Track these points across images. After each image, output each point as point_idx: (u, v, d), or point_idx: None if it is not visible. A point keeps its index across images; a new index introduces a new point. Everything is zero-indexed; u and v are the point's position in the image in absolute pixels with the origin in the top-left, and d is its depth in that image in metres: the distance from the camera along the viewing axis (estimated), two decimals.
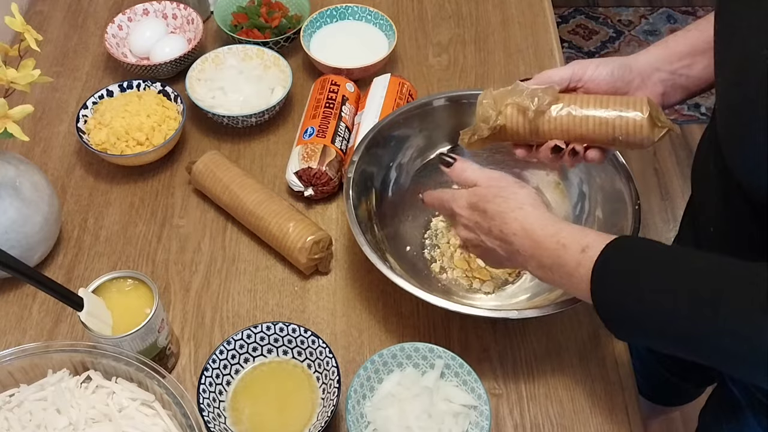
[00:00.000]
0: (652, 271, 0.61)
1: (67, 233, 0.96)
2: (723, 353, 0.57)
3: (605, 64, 0.76)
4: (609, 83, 0.76)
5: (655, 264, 0.61)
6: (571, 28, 2.51)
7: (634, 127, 0.72)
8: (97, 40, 1.19)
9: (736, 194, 0.68)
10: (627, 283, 0.62)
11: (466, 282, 0.91)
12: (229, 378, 0.80)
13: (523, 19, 1.24)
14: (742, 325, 0.54)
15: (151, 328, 0.76)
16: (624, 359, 0.86)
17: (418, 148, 0.97)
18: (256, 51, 1.09)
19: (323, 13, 1.16)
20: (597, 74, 0.76)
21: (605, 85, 0.76)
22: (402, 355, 0.79)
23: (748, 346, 0.54)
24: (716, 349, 0.57)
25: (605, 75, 0.76)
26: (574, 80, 0.77)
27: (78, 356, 0.73)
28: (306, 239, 0.89)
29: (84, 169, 1.03)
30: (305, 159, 0.96)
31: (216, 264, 0.93)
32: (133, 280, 0.79)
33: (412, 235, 0.95)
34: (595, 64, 0.77)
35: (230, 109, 1.04)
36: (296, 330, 0.80)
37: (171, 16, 1.16)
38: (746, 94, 0.55)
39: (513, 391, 0.83)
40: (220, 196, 0.95)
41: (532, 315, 0.77)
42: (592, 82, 0.77)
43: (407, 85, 1.05)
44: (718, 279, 0.57)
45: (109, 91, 1.03)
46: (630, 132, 0.73)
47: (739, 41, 0.58)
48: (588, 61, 0.77)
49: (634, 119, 0.72)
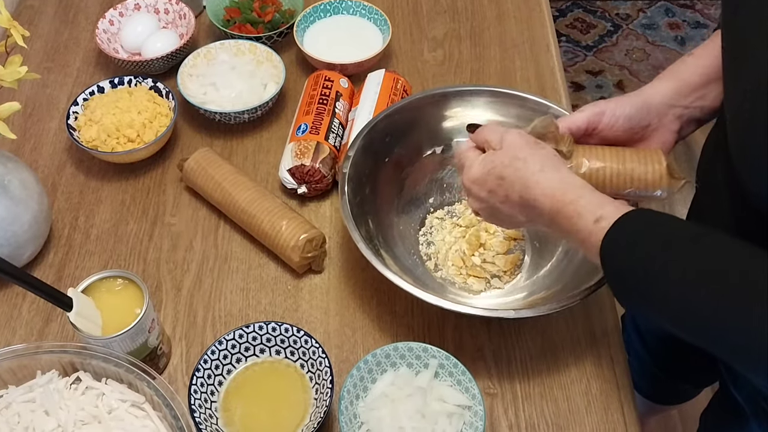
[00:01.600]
0: (660, 243, 0.60)
1: (57, 231, 0.95)
2: (722, 336, 0.56)
3: (621, 107, 0.74)
4: (626, 129, 0.75)
5: (664, 237, 0.60)
6: (568, 21, 2.49)
7: (653, 180, 0.72)
8: (89, 36, 1.18)
9: (748, 205, 0.65)
10: (634, 255, 0.61)
11: (461, 279, 0.90)
12: (221, 378, 0.79)
13: (518, 13, 1.22)
14: (744, 312, 0.53)
15: (141, 329, 0.75)
16: (620, 357, 0.85)
17: (413, 145, 0.95)
18: (248, 46, 1.08)
19: (317, 8, 1.15)
20: (614, 121, 0.75)
21: (623, 132, 0.75)
22: (396, 355, 0.78)
23: (750, 336, 0.53)
24: (717, 332, 0.56)
25: (623, 122, 0.75)
26: (590, 128, 0.75)
27: (67, 357, 0.72)
28: (299, 237, 0.88)
29: (75, 166, 1.02)
30: (298, 156, 0.94)
31: (208, 263, 0.92)
32: (123, 280, 0.78)
33: (407, 232, 0.94)
34: (611, 110, 0.74)
35: (222, 105, 1.02)
36: (289, 330, 0.79)
37: (163, 11, 1.15)
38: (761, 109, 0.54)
39: (508, 391, 0.82)
40: (212, 193, 0.94)
41: (528, 315, 0.76)
42: (609, 130, 0.75)
43: (402, 81, 1.03)
44: (728, 260, 0.56)
45: (99, 87, 1.02)
46: (649, 185, 0.72)
47: (752, 54, 0.56)
48: (603, 104, 0.75)
49: (652, 173, 0.72)
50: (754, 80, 0.55)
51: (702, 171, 0.81)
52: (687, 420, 1.61)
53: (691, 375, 1.18)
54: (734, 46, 0.61)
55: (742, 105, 0.58)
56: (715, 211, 0.76)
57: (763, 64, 0.54)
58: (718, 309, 0.55)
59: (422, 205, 0.96)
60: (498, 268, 0.91)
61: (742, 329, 0.54)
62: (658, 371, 1.21)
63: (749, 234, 0.60)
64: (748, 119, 0.56)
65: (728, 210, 0.73)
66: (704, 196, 0.82)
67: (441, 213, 0.96)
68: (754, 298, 0.52)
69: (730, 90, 0.62)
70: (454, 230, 0.94)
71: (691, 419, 1.43)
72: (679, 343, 1.10)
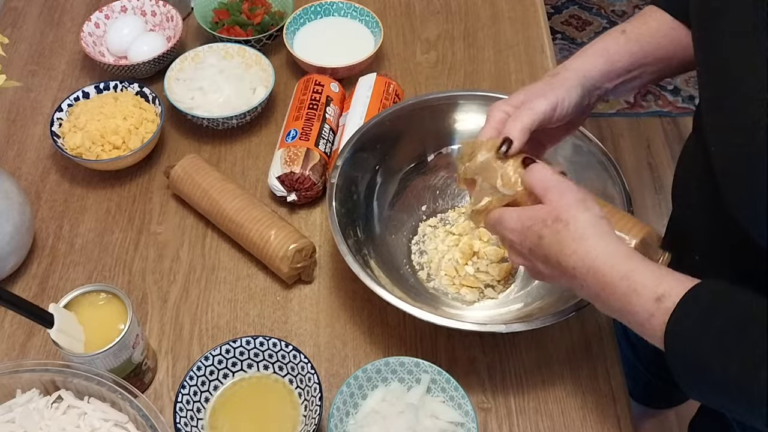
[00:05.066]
0: (735, 334, 0.53)
1: (41, 241, 0.93)
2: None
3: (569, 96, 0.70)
4: (572, 115, 0.72)
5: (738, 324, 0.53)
6: (564, 18, 2.47)
7: None
8: (74, 38, 1.15)
9: (730, 226, 0.61)
10: (705, 348, 0.54)
11: (454, 290, 0.88)
12: (207, 395, 0.77)
13: (513, 13, 1.20)
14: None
15: (124, 345, 0.73)
16: (616, 370, 0.83)
17: (405, 152, 0.93)
18: (237, 49, 1.05)
19: (307, 10, 1.12)
20: (565, 111, 0.70)
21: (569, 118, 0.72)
22: (387, 370, 0.76)
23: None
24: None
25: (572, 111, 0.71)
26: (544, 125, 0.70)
27: (48, 375, 0.70)
28: (288, 248, 0.86)
29: (59, 173, 0.99)
30: (288, 163, 0.92)
31: (195, 273, 0.90)
32: (106, 294, 0.76)
33: (399, 241, 0.92)
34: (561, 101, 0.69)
35: (210, 111, 1.00)
36: (277, 344, 0.77)
37: (150, 13, 1.12)
38: (751, 140, 0.51)
39: (502, 405, 0.80)
40: (199, 202, 0.92)
41: (520, 329, 0.74)
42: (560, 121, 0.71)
43: (393, 85, 1.01)
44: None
45: (84, 92, 1.00)
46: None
47: (736, 84, 0.54)
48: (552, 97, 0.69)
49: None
50: (743, 111, 0.53)
51: (680, 187, 0.79)
52: (684, 421, 1.59)
53: None
54: (718, 75, 0.58)
55: (730, 135, 0.55)
56: (694, 232, 0.74)
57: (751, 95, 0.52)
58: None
59: (414, 213, 0.94)
60: (492, 277, 0.89)
61: None
62: (650, 377, 1.20)
63: (734, 259, 0.58)
64: (741, 150, 0.54)
65: (709, 232, 0.70)
66: (682, 214, 0.80)
67: (434, 221, 0.94)
68: None
69: (711, 118, 0.60)
70: (447, 238, 0.92)
71: (687, 420, 1.41)
72: None
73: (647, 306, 0.57)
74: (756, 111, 0.52)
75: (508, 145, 0.68)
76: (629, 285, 0.58)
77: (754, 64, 0.53)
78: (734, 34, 0.55)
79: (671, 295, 0.56)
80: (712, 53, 0.59)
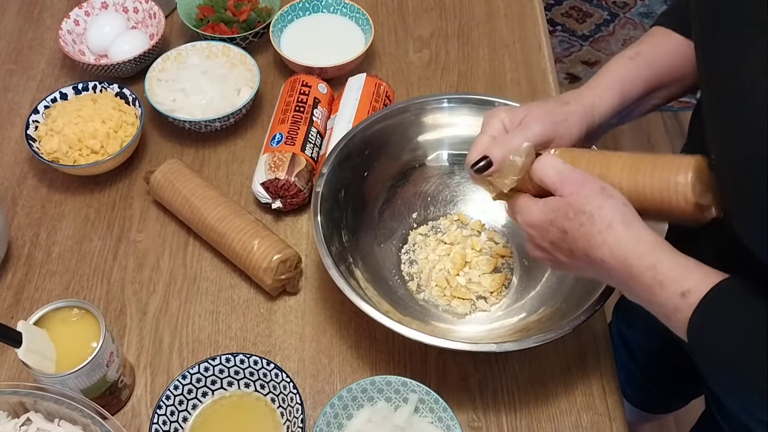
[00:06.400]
0: (760, 332, 0.52)
1: (17, 249, 0.89)
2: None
3: (572, 127, 0.68)
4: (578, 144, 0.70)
5: (763, 322, 0.52)
6: (564, 10, 2.42)
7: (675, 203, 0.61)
8: (54, 35, 1.11)
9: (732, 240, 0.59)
10: (730, 345, 0.54)
11: (445, 302, 0.85)
12: (185, 414, 0.74)
13: (509, 10, 1.16)
14: None
15: (98, 364, 0.70)
16: (613, 386, 0.80)
17: (395, 157, 0.90)
18: (221, 48, 1.01)
19: (295, 6, 1.08)
20: (566, 141, 0.68)
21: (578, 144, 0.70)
22: (373, 389, 0.73)
23: None
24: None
25: (575, 143, 0.69)
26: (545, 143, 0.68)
27: (16, 398, 0.67)
28: (272, 258, 0.82)
29: (37, 178, 0.96)
30: (272, 169, 0.89)
31: (176, 283, 0.87)
32: (79, 310, 0.73)
33: (388, 251, 0.88)
34: (561, 133, 0.67)
35: (192, 113, 0.96)
36: (258, 362, 0.74)
37: (132, 10, 1.08)
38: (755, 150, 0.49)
39: (494, 424, 0.77)
40: (180, 209, 0.88)
41: (512, 348, 0.71)
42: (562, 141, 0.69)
43: (384, 86, 0.97)
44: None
45: (62, 93, 0.96)
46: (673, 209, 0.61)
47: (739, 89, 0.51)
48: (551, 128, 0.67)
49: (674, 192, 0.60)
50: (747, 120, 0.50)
51: None
52: (682, 423, 1.56)
53: (679, 389, 1.15)
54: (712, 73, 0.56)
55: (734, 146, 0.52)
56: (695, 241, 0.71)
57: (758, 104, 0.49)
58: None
59: (405, 221, 0.90)
60: (484, 288, 0.85)
61: None
62: (648, 383, 1.17)
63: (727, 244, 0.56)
64: (747, 160, 0.51)
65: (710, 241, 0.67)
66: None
67: (425, 229, 0.90)
68: None
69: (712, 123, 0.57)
70: (438, 247, 0.88)
71: (685, 423, 1.39)
72: (667, 359, 1.06)
73: (673, 300, 0.57)
74: (758, 122, 0.49)
75: (486, 165, 0.67)
76: (655, 276, 0.58)
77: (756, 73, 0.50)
78: (733, 43, 0.53)
79: (697, 290, 0.56)
80: (713, 62, 0.56)
